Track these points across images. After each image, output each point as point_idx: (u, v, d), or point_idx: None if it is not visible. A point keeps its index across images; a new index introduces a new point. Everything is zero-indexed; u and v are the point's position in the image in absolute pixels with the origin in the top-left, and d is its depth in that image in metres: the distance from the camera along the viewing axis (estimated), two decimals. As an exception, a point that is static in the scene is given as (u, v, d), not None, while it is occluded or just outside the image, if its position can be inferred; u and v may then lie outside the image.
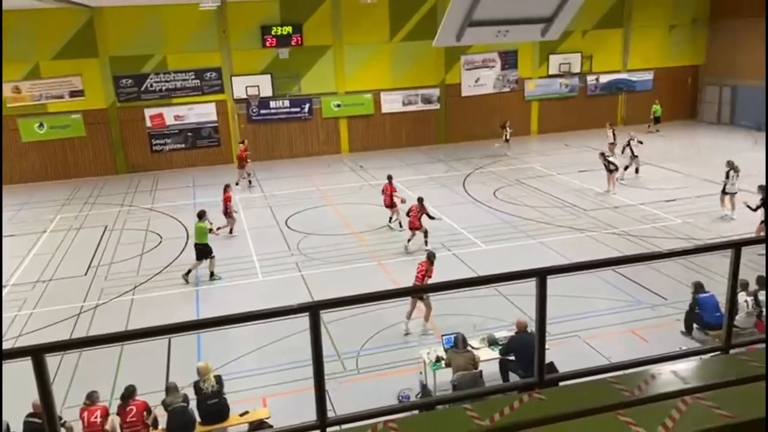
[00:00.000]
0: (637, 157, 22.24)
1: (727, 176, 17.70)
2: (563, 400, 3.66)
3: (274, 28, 27.73)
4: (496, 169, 25.22)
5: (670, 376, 3.99)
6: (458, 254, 15.86)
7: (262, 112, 28.70)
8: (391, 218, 18.41)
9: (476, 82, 30.82)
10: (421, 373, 10.00)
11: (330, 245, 16.92)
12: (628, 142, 22.59)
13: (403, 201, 17.81)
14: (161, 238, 18.46)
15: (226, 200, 17.71)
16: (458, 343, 9.23)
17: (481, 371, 9.14)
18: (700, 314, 10.90)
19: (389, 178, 18.33)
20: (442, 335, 9.89)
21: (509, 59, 30.92)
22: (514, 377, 9.33)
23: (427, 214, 16.09)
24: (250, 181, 24.34)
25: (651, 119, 30.72)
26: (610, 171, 20.61)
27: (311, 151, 29.46)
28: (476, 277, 4.57)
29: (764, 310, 10.70)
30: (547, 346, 9.67)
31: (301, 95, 28.92)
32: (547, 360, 8.93)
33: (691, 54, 33.22)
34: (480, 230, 17.58)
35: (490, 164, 26.08)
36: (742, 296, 10.47)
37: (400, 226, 17.65)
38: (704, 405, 3.33)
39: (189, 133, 28.23)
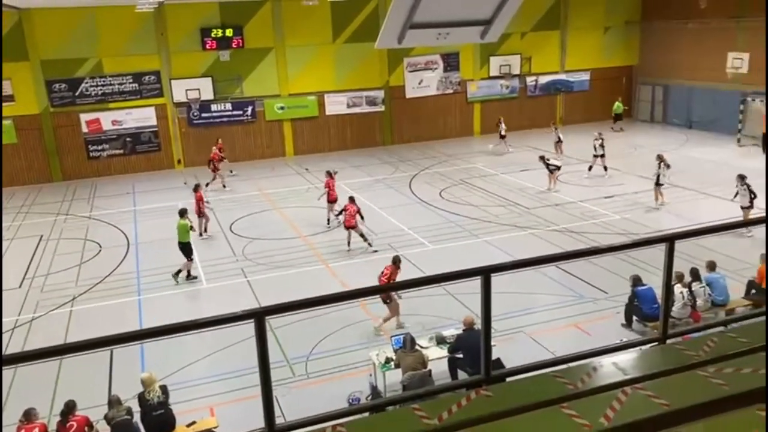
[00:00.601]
0: (603, 156, 22.77)
1: (659, 168, 18.57)
2: (509, 396, 3.73)
3: (214, 30, 27.27)
4: (441, 169, 25.49)
5: (611, 368, 4.11)
6: (406, 254, 15.90)
7: (204, 115, 28.16)
8: (329, 220, 18.46)
9: (420, 83, 31.10)
10: (371, 375, 10.00)
11: (276, 249, 16.75)
12: (599, 138, 23.16)
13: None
14: (101, 247, 17.88)
15: (198, 200, 17.56)
16: (407, 344, 9.28)
17: (430, 370, 9.21)
18: (638, 306, 11.29)
19: (329, 173, 18.45)
20: (392, 336, 9.92)
21: (451, 61, 31.33)
22: (463, 375, 9.44)
23: (359, 214, 16.22)
24: (224, 185, 23.99)
25: (612, 117, 31.57)
26: (551, 171, 21.13)
27: (255, 155, 29.09)
28: (423, 277, 4.60)
29: (698, 300, 11.18)
30: (493, 343, 9.82)
31: (244, 98, 28.53)
32: (494, 356, 9.11)
33: (625, 55, 34.39)
34: (427, 230, 17.73)
35: (435, 165, 26.34)
36: (678, 288, 10.90)
37: (337, 220, 17.65)
38: (643, 394, 3.44)
39: (128, 139, 27.45)
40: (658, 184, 18.74)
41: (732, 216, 16.44)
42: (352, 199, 16.43)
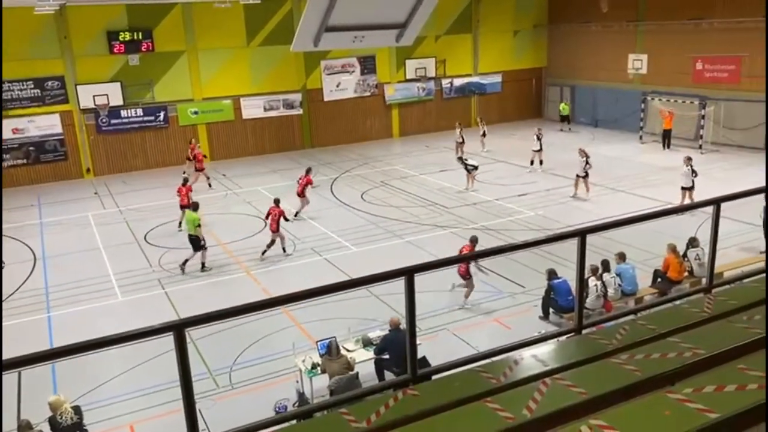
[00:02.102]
0: (540, 150, 23.69)
1: (587, 163, 19.79)
2: (435, 394, 3.79)
3: (122, 33, 26.20)
4: (362, 172, 25.57)
5: (531, 360, 4.25)
6: (329, 258, 15.89)
7: (113, 122, 26.99)
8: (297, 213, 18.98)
9: (337, 86, 31.09)
10: (297, 381, 9.90)
11: (195, 258, 16.27)
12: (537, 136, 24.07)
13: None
14: (3, 263, 16.79)
15: (188, 190, 18.17)
16: (332, 349, 9.24)
17: (357, 373, 9.21)
18: (555, 299, 11.73)
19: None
20: (317, 341, 9.85)
21: (368, 64, 31.51)
22: (390, 376, 9.50)
23: (284, 216, 16.15)
24: (209, 184, 23.74)
25: (559, 118, 32.49)
26: (468, 171, 21.63)
27: (169, 161, 28.15)
28: (348, 280, 4.61)
29: (609, 290, 11.73)
30: (419, 342, 9.92)
31: (155, 103, 27.57)
32: (420, 355, 9.21)
33: (535, 57, 35.68)
34: (350, 233, 17.73)
35: (356, 167, 26.39)
36: (591, 280, 11.40)
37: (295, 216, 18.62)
38: (562, 384, 3.57)
39: (31, 148, 25.91)
40: (584, 176, 19.84)
41: (638, 209, 17.41)
42: (277, 202, 16.24)
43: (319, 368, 9.36)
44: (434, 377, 4.62)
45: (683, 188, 18.19)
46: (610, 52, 31.18)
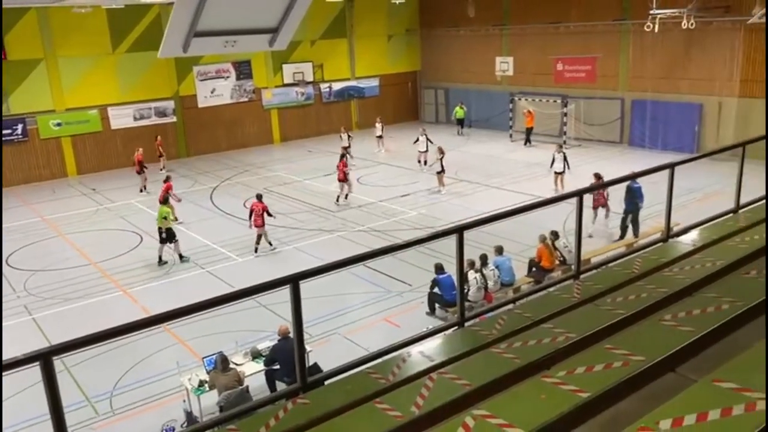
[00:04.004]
0: (426, 151, 24.14)
1: (441, 161, 20.86)
2: (326, 400, 3.77)
3: (-33, 39, 24.00)
4: (243, 179, 25.02)
5: (418, 356, 4.35)
6: (213, 271, 15.41)
7: (-38, 136, 24.65)
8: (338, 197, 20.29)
9: (212, 92, 30.21)
10: (184, 401, 9.49)
11: (65, 280, 15.20)
12: (423, 137, 24.62)
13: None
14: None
15: (168, 189, 18.13)
16: (219, 364, 8.96)
17: (247, 386, 8.99)
18: (439, 294, 12.08)
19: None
20: (203, 358, 9.52)
21: (244, 69, 30.88)
22: (282, 386, 9.35)
23: (268, 212, 16.42)
24: (144, 186, 23.29)
25: (454, 120, 32.77)
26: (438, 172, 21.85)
27: (30, 178, 26.09)
28: (231, 292, 4.48)
29: (489, 282, 12.25)
30: (309, 348, 9.84)
31: (12, 115, 25.43)
32: (312, 362, 9.16)
33: (409, 61, 36.59)
34: (233, 243, 17.28)
35: (236, 175, 25.77)
36: (471, 274, 11.85)
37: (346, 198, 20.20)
38: (448, 378, 3.68)
39: None
40: (440, 171, 20.87)
41: (511, 204, 18.31)
42: (259, 197, 16.58)
43: (206, 385, 9.04)
44: (326, 382, 4.61)
45: (556, 173, 20.06)
46: (479, 55, 32.61)
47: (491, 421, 2.90)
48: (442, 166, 21.05)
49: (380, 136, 28.48)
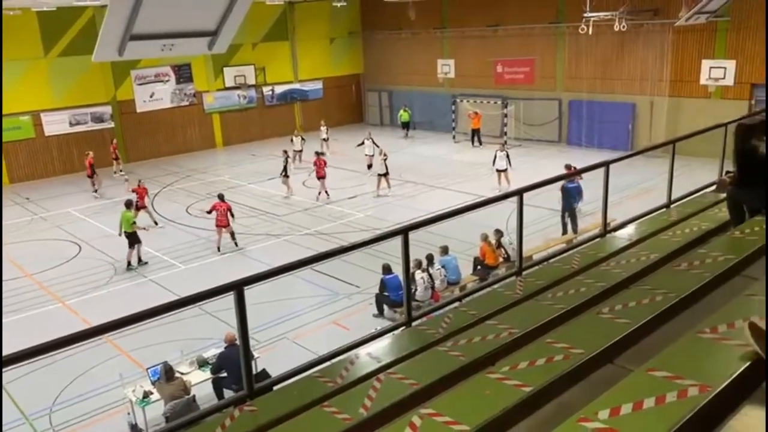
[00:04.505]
0: (373, 155, 24.01)
1: (386, 163, 21.14)
2: (274, 406, 3.75)
3: None
4: (186, 185, 24.52)
5: (366, 358, 4.37)
6: (155, 279, 15.05)
7: None
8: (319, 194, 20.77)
9: (151, 97, 29.48)
10: (129, 413, 9.25)
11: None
12: (368, 140, 24.67)
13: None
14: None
15: (141, 193, 18.73)
16: (163, 374, 8.76)
17: (194, 396, 8.83)
18: (387, 295, 12.14)
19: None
20: (148, 368, 9.29)
21: (184, 73, 30.25)
22: (230, 394, 9.21)
23: (231, 212, 16.67)
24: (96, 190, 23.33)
25: (399, 123, 32.59)
26: (287, 176, 21.69)
27: (-41, 188, 24.90)
28: (174, 300, 4.39)
29: (436, 282, 12.40)
30: (257, 355, 9.73)
31: (-65, 122, 24.23)
32: (260, 368, 9.06)
33: (352, 64, 36.61)
34: (177, 250, 16.92)
35: (179, 181, 25.24)
36: (418, 273, 11.96)
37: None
38: (395, 378, 3.71)
39: None
40: (385, 174, 21.18)
41: (456, 203, 18.55)
42: (221, 197, 16.79)
43: (151, 396, 8.83)
44: (275, 388, 4.57)
45: (498, 171, 20.63)
46: (421, 57, 32.90)
47: (437, 419, 2.94)
48: (386, 169, 21.16)
49: (325, 139, 28.39)
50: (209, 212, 16.77)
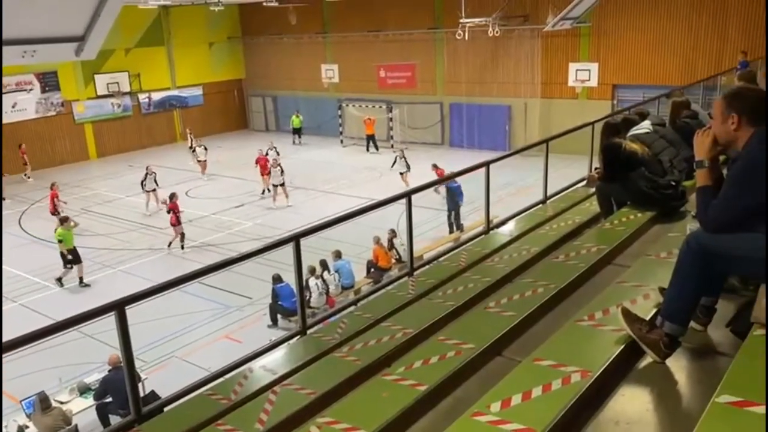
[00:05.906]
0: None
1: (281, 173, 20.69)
2: (164, 428, 3.57)
3: None
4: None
5: (260, 371, 4.26)
6: (28, 303, 13.93)
7: None
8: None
9: (13, 107, 27.24)
10: (3, 452, 8.50)
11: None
12: (273, 149, 24.28)
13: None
14: None
15: (53, 197, 18.45)
16: (38, 405, 8.13)
17: (75, 425, 8.26)
18: (280, 304, 11.97)
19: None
20: (21, 401, 8.57)
21: (49, 81, 28.19)
22: (116, 419, 8.69)
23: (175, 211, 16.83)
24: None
25: (291, 129, 31.74)
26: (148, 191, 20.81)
27: None
28: (49, 325, 4.07)
29: (331, 287, 12.38)
30: (144, 376, 9.29)
31: None
32: (148, 389, 8.63)
33: (233, 69, 35.75)
34: (50, 271, 15.73)
35: (47, 197, 23.48)
36: (312, 280, 11.88)
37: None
38: (291, 389, 3.65)
39: None
40: (281, 184, 20.60)
41: (347, 208, 18.60)
42: (171, 197, 17.02)
43: (27, 431, 8.16)
44: (166, 409, 4.36)
45: (400, 173, 21.35)
46: (304, 62, 32.72)
47: (335, 427, 2.92)
48: (282, 180, 20.73)
49: (192, 149, 26.89)
50: (169, 212, 16.96)
